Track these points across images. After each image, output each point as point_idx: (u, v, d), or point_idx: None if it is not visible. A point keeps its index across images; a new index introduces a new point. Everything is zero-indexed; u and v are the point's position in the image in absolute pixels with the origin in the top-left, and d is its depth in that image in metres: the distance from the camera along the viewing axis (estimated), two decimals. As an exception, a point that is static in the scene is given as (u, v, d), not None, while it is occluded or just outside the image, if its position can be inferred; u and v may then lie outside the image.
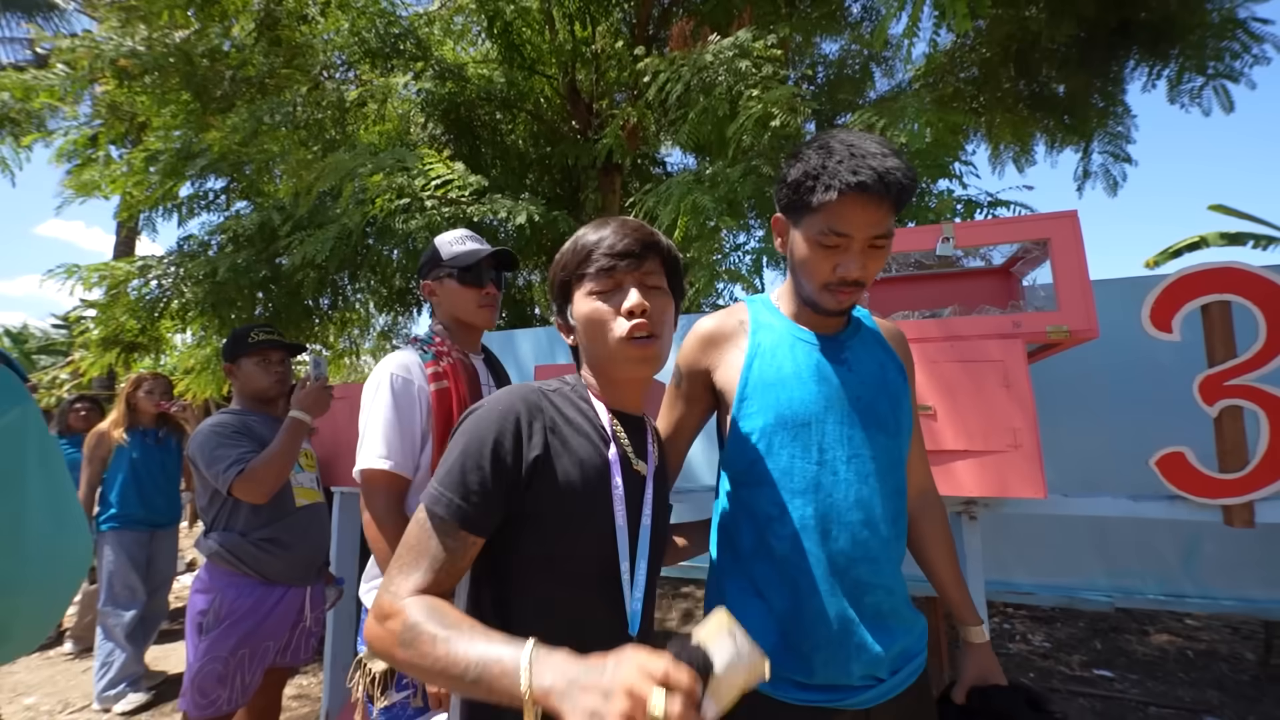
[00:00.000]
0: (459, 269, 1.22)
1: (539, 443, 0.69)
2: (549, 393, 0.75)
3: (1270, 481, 1.26)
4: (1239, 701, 2.11)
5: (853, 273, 0.79)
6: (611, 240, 0.73)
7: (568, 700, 0.48)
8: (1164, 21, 3.08)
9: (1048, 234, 1.45)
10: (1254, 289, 1.31)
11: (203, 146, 3.05)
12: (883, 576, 0.81)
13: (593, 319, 0.73)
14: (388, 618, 0.61)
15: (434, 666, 0.56)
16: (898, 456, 0.86)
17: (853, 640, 0.78)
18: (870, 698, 0.79)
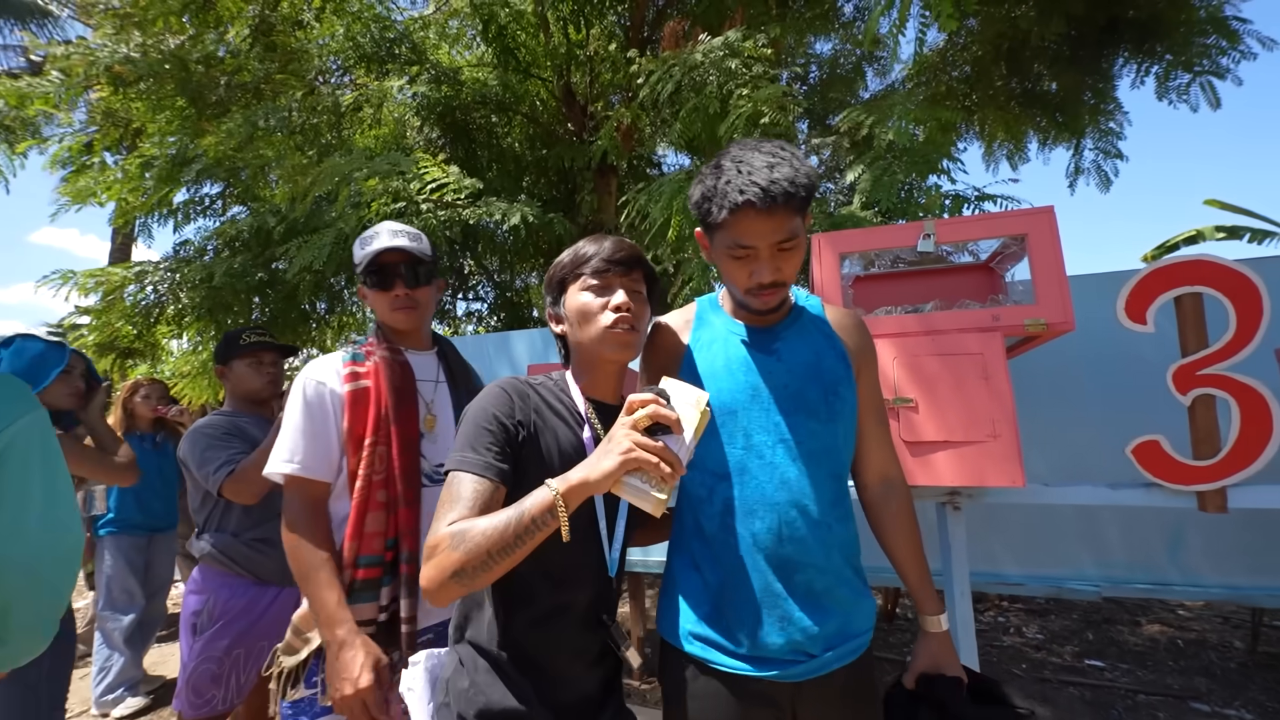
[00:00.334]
0: (362, 274, 1.17)
1: (527, 418, 0.82)
2: (534, 384, 0.88)
3: (1242, 468, 1.29)
4: (1226, 688, 2.14)
5: (765, 278, 0.84)
6: (609, 250, 0.87)
7: (590, 472, 0.66)
8: (1152, 19, 3.12)
9: (1025, 229, 1.48)
10: (1224, 281, 1.34)
11: (198, 152, 3.07)
12: (813, 556, 0.84)
13: (586, 309, 0.86)
14: (435, 548, 0.68)
15: (486, 541, 0.66)
16: (831, 442, 0.89)
17: (776, 614, 0.82)
18: (799, 672, 0.82)
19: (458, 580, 0.66)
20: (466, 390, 1.22)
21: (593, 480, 0.66)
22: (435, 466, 1.12)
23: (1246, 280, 1.33)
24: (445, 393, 1.21)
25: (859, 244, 1.62)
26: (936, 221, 1.52)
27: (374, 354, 1.14)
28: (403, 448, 1.06)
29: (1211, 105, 3.06)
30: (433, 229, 3.43)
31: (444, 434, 1.16)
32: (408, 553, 1.04)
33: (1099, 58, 3.51)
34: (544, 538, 0.67)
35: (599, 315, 0.85)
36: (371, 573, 1.02)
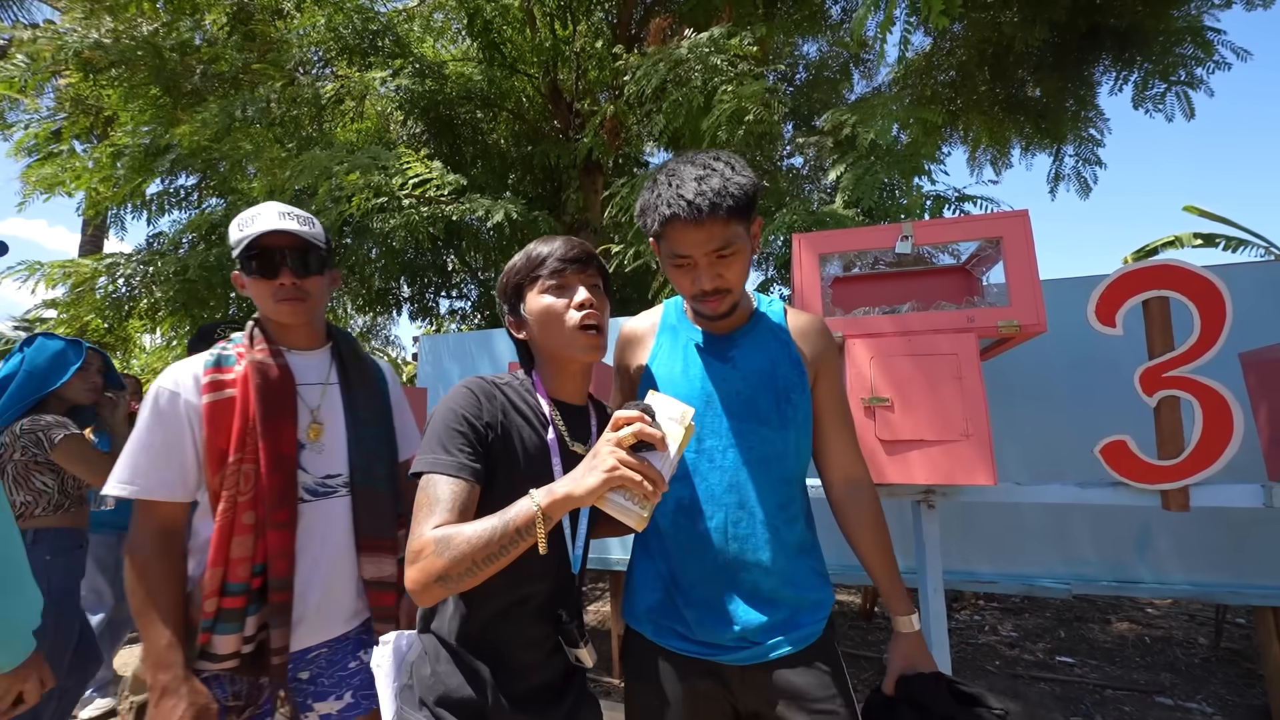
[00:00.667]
0: (242, 259, 1.01)
1: (495, 419, 0.81)
2: (500, 384, 0.87)
3: (1204, 467, 1.32)
4: (1189, 683, 2.19)
5: (706, 285, 0.86)
6: (562, 250, 0.86)
7: (574, 488, 0.66)
8: (1131, 28, 3.19)
9: (1000, 232, 1.50)
10: (1190, 285, 1.37)
11: (172, 142, 2.99)
12: (758, 556, 0.88)
13: (549, 312, 0.85)
14: (418, 553, 0.68)
15: (469, 549, 0.66)
16: (781, 448, 0.91)
17: (723, 607, 0.87)
18: (743, 657, 0.86)
19: (442, 585, 0.67)
20: (364, 392, 1.11)
21: (576, 496, 0.66)
22: (321, 479, 1.01)
23: (1211, 285, 1.36)
24: (336, 395, 1.07)
25: (838, 245, 1.63)
26: (915, 224, 1.53)
27: (245, 357, 0.99)
28: (272, 465, 0.94)
29: (1186, 115, 3.14)
30: (415, 225, 3.39)
31: (333, 442, 1.04)
32: (279, 579, 0.94)
33: (1081, 64, 3.57)
34: (526, 547, 0.67)
35: (564, 315, 0.84)
36: (237, 601, 0.92)
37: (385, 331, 4.83)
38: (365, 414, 1.09)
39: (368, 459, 1.07)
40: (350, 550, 1.04)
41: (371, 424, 1.10)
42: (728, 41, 2.57)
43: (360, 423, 1.08)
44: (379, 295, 4.44)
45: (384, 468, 1.10)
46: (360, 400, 1.10)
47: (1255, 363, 1.59)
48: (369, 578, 1.04)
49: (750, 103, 2.37)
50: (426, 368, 3.16)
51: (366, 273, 3.85)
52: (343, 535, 1.03)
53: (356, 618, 1.06)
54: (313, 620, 0.99)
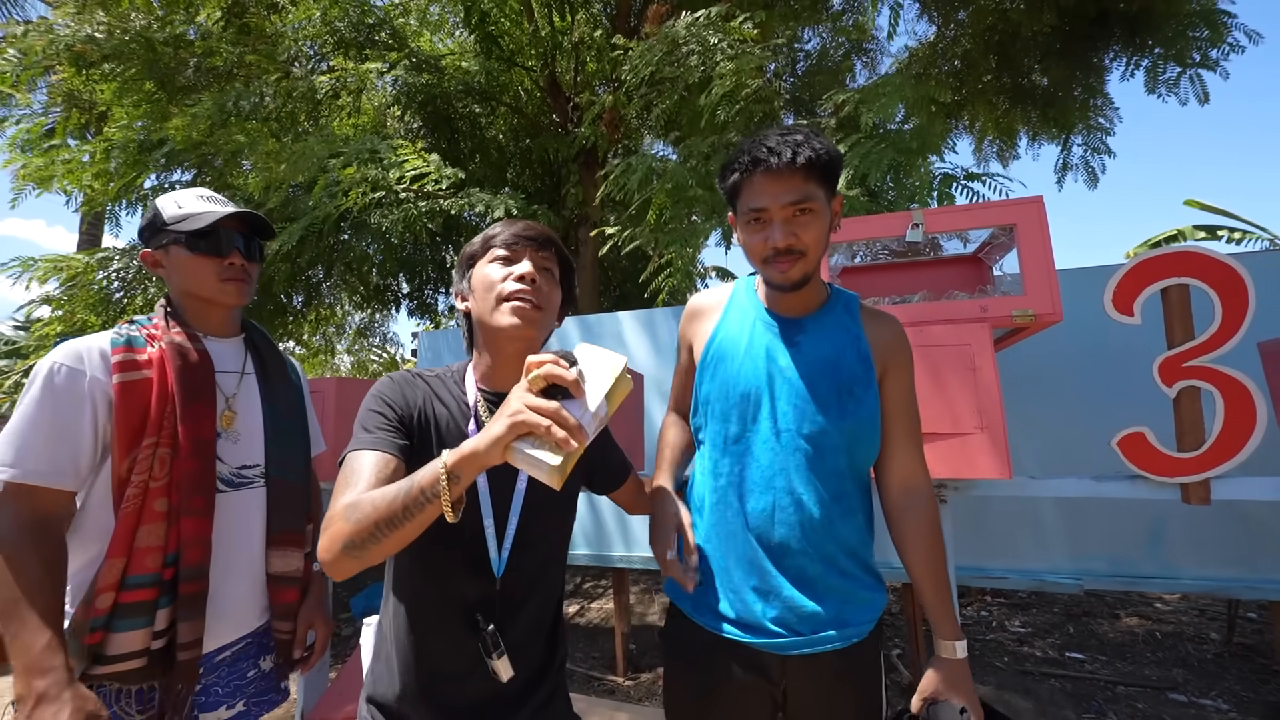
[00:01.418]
0: (188, 234, 0.98)
1: (414, 405, 0.79)
2: (427, 376, 0.86)
3: (1225, 460, 1.28)
4: (1202, 679, 2.16)
5: (778, 241, 0.84)
6: (520, 228, 0.85)
7: (479, 440, 0.61)
8: (1142, 12, 3.12)
9: (1014, 219, 1.46)
10: (1211, 273, 1.33)
11: (165, 136, 2.95)
12: (805, 544, 0.85)
13: (488, 278, 0.83)
14: (330, 520, 0.65)
15: (374, 512, 0.62)
16: (838, 441, 0.87)
17: (762, 587, 0.86)
18: (785, 645, 0.84)
19: (348, 553, 0.63)
20: (281, 385, 1.10)
21: (482, 449, 0.60)
22: (236, 469, 0.99)
23: (1233, 272, 1.32)
24: (252, 385, 1.05)
25: (847, 233, 1.58)
26: (926, 211, 1.49)
27: (160, 338, 0.95)
28: (192, 450, 0.91)
29: (1200, 99, 3.08)
30: (413, 219, 3.34)
31: (248, 432, 1.02)
32: (192, 568, 0.90)
33: (1089, 51, 3.51)
34: (435, 513, 0.62)
35: (500, 283, 0.81)
36: (144, 594, 0.87)
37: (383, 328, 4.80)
38: (283, 406, 1.08)
39: (284, 451, 1.06)
40: (262, 544, 1.02)
41: (288, 417, 1.09)
42: (726, 24, 2.52)
43: (278, 414, 1.07)
44: (377, 292, 4.40)
45: (298, 461, 1.09)
46: (278, 392, 1.08)
47: (1275, 352, 1.54)
48: (275, 572, 1.02)
49: (749, 77, 2.32)
50: (426, 364, 3.13)
51: (364, 269, 3.81)
52: (256, 529, 1.02)
53: (263, 615, 1.04)
54: (225, 616, 0.97)
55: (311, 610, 1.12)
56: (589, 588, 3.78)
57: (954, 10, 4.14)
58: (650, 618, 3.17)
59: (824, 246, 0.88)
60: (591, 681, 2.48)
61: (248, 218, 1.06)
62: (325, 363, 5.29)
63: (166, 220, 1.01)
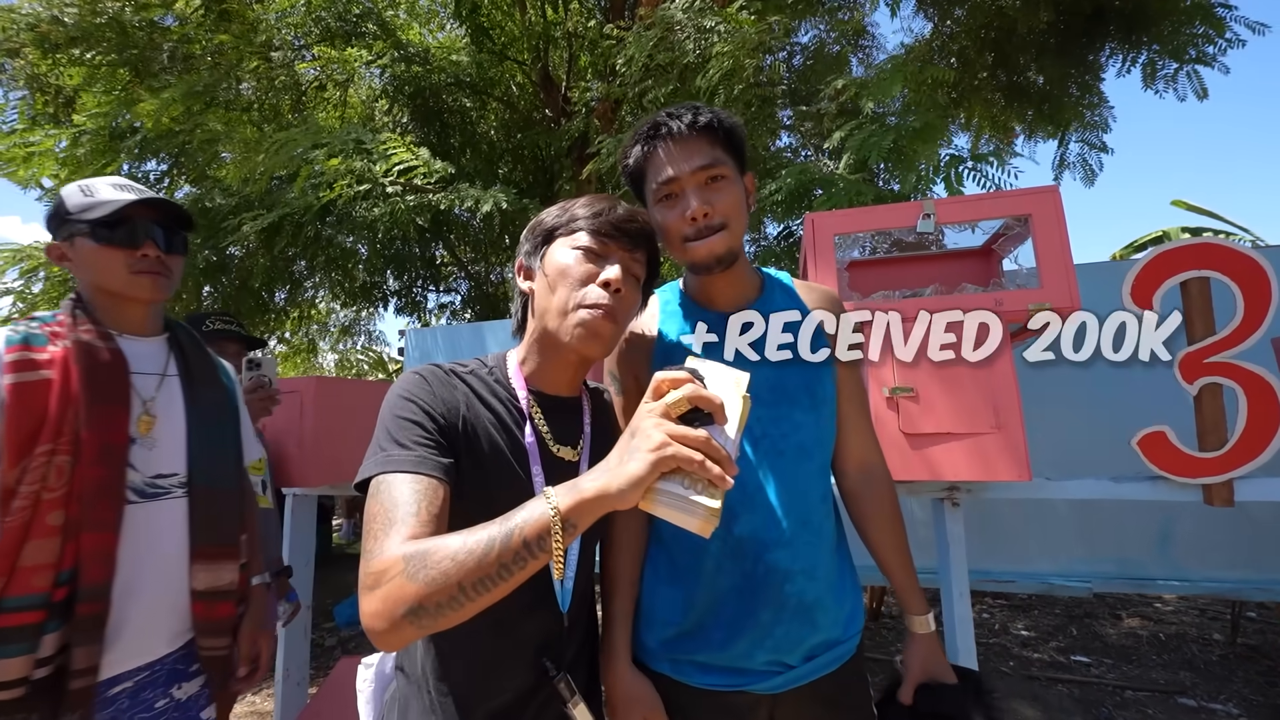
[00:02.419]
0: (93, 223, 0.90)
1: (455, 409, 0.65)
2: (461, 372, 0.71)
3: (1249, 459, 1.23)
4: (1210, 681, 2.12)
5: (696, 208, 0.75)
6: (619, 216, 0.71)
7: (610, 480, 0.49)
8: (1138, 9, 3.11)
9: (1029, 209, 1.40)
10: (1233, 265, 1.28)
11: (136, 123, 2.82)
12: (802, 561, 0.76)
13: (568, 271, 0.69)
14: (381, 575, 0.50)
15: (455, 569, 0.48)
16: (817, 432, 0.82)
17: (759, 625, 0.75)
18: (776, 684, 0.75)
19: (414, 619, 0.48)
20: (209, 388, 1.01)
21: (614, 491, 0.48)
22: (151, 478, 0.90)
23: (1256, 265, 1.27)
24: (175, 389, 0.96)
25: (855, 224, 1.52)
26: (937, 201, 1.43)
27: (64, 336, 0.86)
28: (98, 456, 0.82)
29: (1198, 95, 3.07)
30: (400, 214, 3.24)
31: (167, 439, 0.93)
32: (91, 587, 0.81)
33: (1085, 48, 3.49)
34: (537, 569, 0.50)
35: (580, 287, 0.67)
36: (27, 618, 0.77)
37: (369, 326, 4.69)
38: (210, 410, 1.00)
39: (211, 458, 0.98)
40: (182, 560, 0.92)
41: (217, 421, 1.02)
42: (724, 10, 2.46)
43: (205, 419, 0.99)
44: (364, 289, 4.27)
45: (229, 467, 1.02)
46: (205, 395, 1.00)
47: (1291, 348, 1.50)
48: (201, 588, 0.93)
49: (747, 57, 2.25)
50: (413, 363, 3.02)
51: (349, 265, 3.69)
52: (174, 543, 0.92)
53: (179, 639, 0.94)
54: (127, 642, 0.86)
55: (252, 626, 1.05)
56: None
57: (951, 7, 4.11)
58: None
59: (744, 221, 0.81)
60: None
61: (165, 207, 0.96)
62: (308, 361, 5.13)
63: (71, 209, 0.92)
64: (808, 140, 3.89)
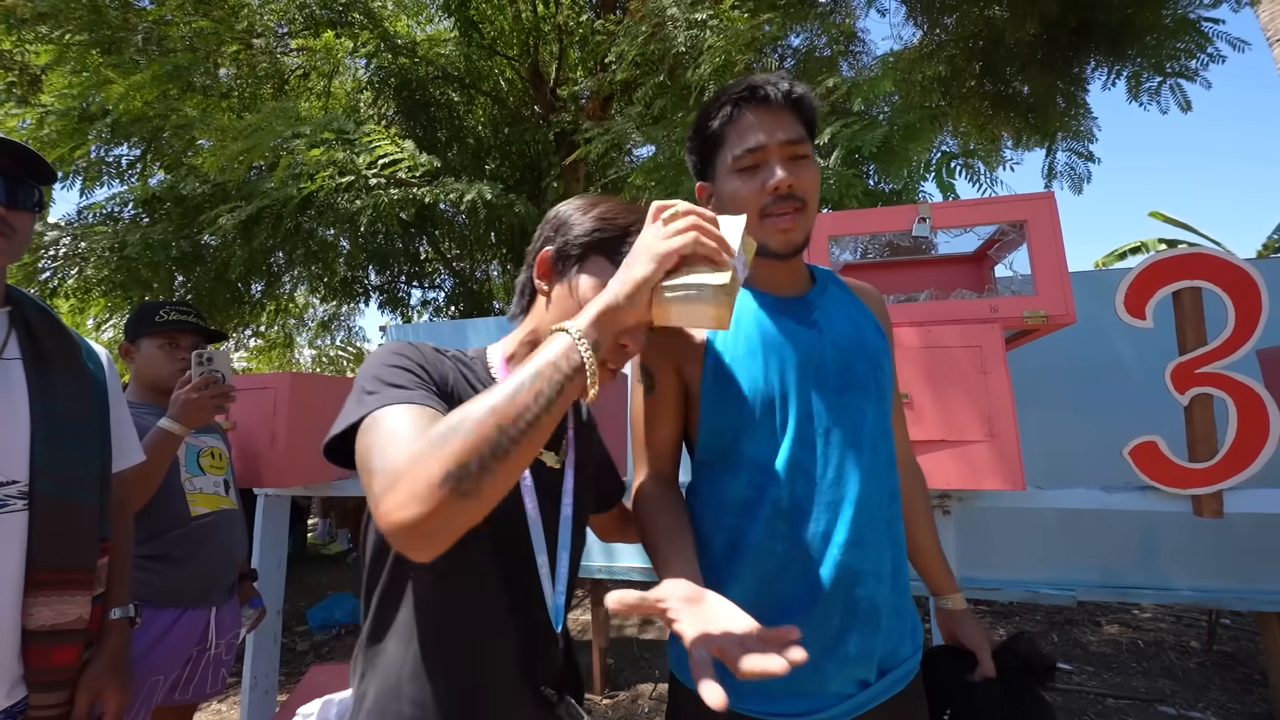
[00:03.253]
0: None
1: (447, 380, 0.59)
2: (447, 354, 0.64)
3: (1239, 471, 1.23)
4: (1189, 689, 2.14)
5: (782, 179, 0.71)
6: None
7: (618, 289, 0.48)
8: (1122, 23, 3.16)
9: (1025, 216, 1.39)
10: (1225, 276, 1.28)
11: (108, 106, 2.69)
12: (875, 562, 0.70)
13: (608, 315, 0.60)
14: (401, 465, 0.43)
15: (488, 417, 0.42)
16: (884, 424, 0.76)
17: (835, 640, 0.68)
18: (847, 709, 0.68)
19: (457, 486, 0.40)
20: (66, 375, 0.85)
21: (623, 298, 0.47)
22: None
23: (1246, 276, 1.27)
24: (16, 374, 0.80)
25: (850, 226, 1.49)
26: (933, 205, 1.42)
27: None
28: None
29: (1181, 107, 3.13)
30: (384, 207, 3.15)
31: (7, 426, 0.77)
32: None
33: (1071, 61, 3.54)
34: (574, 396, 0.45)
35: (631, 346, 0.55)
36: None
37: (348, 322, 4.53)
38: (63, 402, 0.82)
39: (62, 461, 0.80)
40: (13, 590, 0.74)
41: (72, 416, 0.83)
42: (717, 5, 2.43)
43: (54, 413, 0.80)
44: (344, 283, 4.16)
45: (88, 474, 0.83)
46: (56, 384, 0.82)
47: (1274, 360, 1.51)
48: (39, 626, 0.74)
49: (739, 52, 2.22)
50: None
51: (330, 259, 3.58)
52: (7, 567, 0.74)
53: (17, 690, 0.75)
54: None
55: (100, 674, 0.83)
56: (565, 596, 3.64)
57: (939, 16, 4.14)
58: (628, 630, 3.04)
59: (817, 208, 0.77)
60: (567, 700, 2.33)
61: (10, 150, 0.78)
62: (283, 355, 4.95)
63: None
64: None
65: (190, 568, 1.37)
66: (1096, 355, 2.04)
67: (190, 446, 1.49)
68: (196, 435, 1.51)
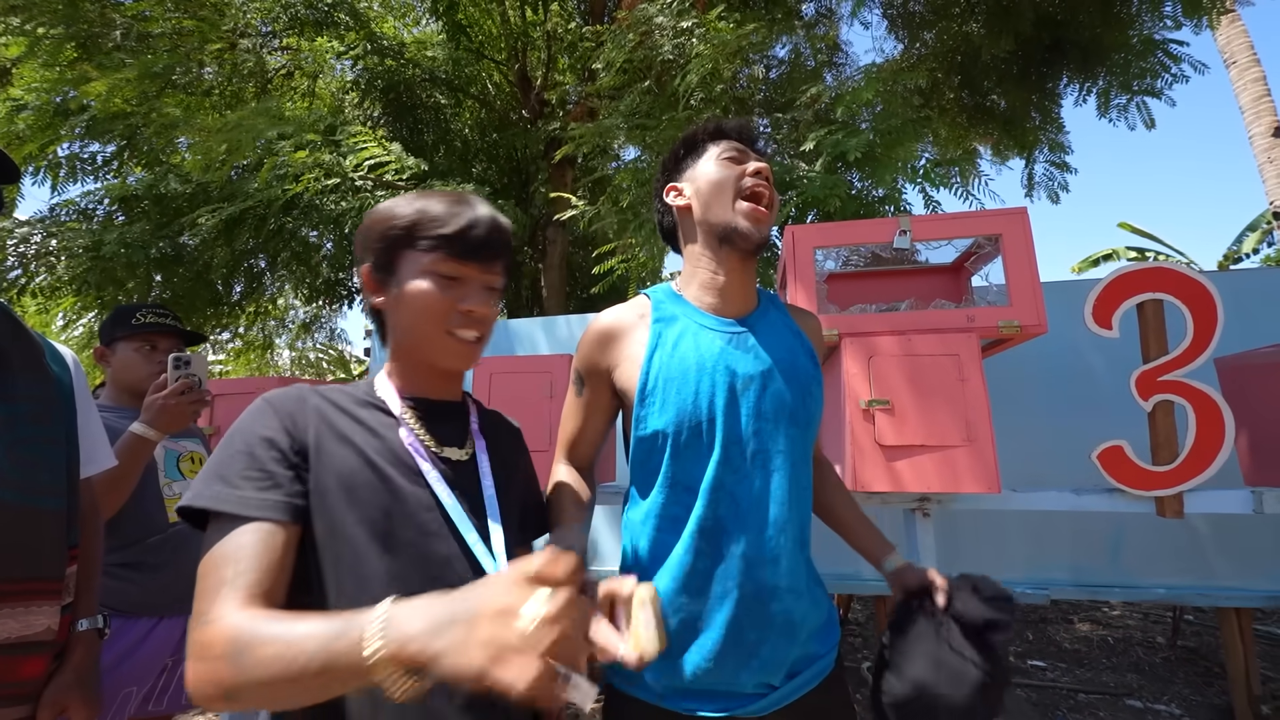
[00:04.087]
0: None
1: (303, 432, 0.61)
2: (320, 390, 0.67)
3: (1197, 473, 1.30)
4: (1154, 683, 2.23)
5: (762, 167, 0.82)
6: (478, 230, 0.66)
7: (435, 642, 0.40)
8: (1091, 42, 3.29)
9: (1000, 230, 1.45)
10: (1184, 289, 1.35)
11: (86, 101, 2.63)
12: (789, 578, 0.76)
13: (428, 305, 0.65)
14: (207, 648, 0.47)
15: (270, 672, 0.44)
16: (805, 450, 0.81)
17: (749, 647, 0.74)
18: (764, 706, 0.75)
19: (230, 703, 0.46)
20: (29, 376, 0.82)
21: (446, 663, 0.40)
22: None
23: (1203, 288, 1.34)
24: None
25: (834, 238, 1.54)
26: (913, 218, 1.47)
27: None
28: None
29: (1147, 125, 3.28)
30: (370, 210, 3.13)
31: None
32: None
33: (1045, 76, 3.68)
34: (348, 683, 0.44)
35: (445, 316, 0.65)
36: None
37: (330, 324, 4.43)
38: (26, 405, 0.80)
39: (25, 466, 0.77)
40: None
41: (36, 420, 0.81)
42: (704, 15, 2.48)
43: (18, 417, 0.78)
44: (328, 285, 4.10)
45: (54, 480, 0.81)
46: (19, 386, 0.79)
47: (1231, 368, 1.60)
48: (3, 639, 0.72)
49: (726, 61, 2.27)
50: (378, 365, 2.91)
51: (313, 260, 3.54)
52: None
53: None
54: None
55: (64, 688, 0.81)
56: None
57: (919, 30, 4.27)
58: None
59: (774, 222, 0.86)
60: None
61: None
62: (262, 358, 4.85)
63: None
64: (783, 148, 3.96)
65: (165, 575, 1.35)
66: (1068, 363, 2.12)
67: (170, 451, 1.47)
68: (176, 440, 1.49)
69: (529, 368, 1.58)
